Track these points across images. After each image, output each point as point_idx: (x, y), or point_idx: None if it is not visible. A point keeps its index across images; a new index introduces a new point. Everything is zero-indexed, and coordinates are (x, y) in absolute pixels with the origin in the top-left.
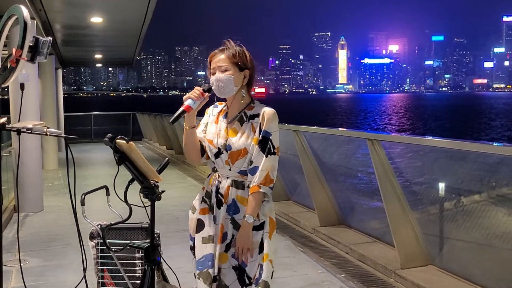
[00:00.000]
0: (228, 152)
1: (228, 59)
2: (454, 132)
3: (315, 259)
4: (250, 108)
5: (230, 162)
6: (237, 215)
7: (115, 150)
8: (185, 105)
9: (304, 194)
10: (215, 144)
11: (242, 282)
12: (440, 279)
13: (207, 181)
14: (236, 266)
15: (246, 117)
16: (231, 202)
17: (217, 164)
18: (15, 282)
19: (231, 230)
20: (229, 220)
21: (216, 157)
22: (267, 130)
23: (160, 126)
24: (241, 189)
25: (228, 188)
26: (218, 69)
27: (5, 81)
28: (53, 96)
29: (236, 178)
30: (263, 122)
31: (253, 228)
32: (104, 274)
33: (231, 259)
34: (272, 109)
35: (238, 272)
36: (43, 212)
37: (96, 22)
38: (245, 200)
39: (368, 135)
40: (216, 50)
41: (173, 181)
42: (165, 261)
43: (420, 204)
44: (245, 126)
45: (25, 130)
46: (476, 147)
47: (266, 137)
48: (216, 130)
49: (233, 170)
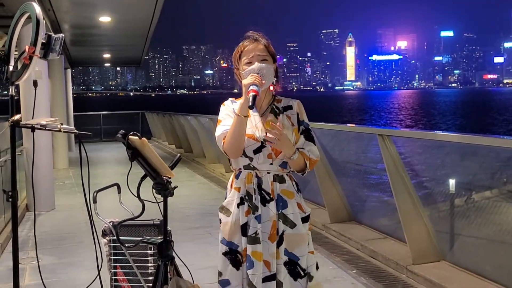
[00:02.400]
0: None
1: (266, 49)
2: (465, 127)
3: (326, 256)
4: (277, 101)
5: (273, 155)
6: (286, 209)
7: (128, 146)
8: (253, 89)
9: (314, 191)
10: (258, 138)
11: (296, 275)
12: (452, 274)
13: (243, 180)
14: (286, 261)
15: (278, 109)
16: (277, 197)
17: (257, 160)
18: (29, 279)
19: (282, 226)
20: (277, 216)
21: (256, 152)
22: (306, 121)
23: (169, 125)
24: (284, 182)
25: (272, 183)
26: (257, 58)
27: (19, 78)
28: (62, 96)
29: (277, 173)
30: (301, 113)
31: (302, 220)
32: (117, 271)
33: (282, 256)
34: (300, 101)
35: (289, 266)
36: (54, 211)
37: (104, 22)
38: (290, 193)
39: (378, 130)
40: (245, 42)
41: (182, 179)
42: (178, 256)
43: (432, 199)
44: (282, 118)
45: (39, 127)
46: (487, 141)
47: (307, 128)
48: (252, 123)
49: (275, 163)
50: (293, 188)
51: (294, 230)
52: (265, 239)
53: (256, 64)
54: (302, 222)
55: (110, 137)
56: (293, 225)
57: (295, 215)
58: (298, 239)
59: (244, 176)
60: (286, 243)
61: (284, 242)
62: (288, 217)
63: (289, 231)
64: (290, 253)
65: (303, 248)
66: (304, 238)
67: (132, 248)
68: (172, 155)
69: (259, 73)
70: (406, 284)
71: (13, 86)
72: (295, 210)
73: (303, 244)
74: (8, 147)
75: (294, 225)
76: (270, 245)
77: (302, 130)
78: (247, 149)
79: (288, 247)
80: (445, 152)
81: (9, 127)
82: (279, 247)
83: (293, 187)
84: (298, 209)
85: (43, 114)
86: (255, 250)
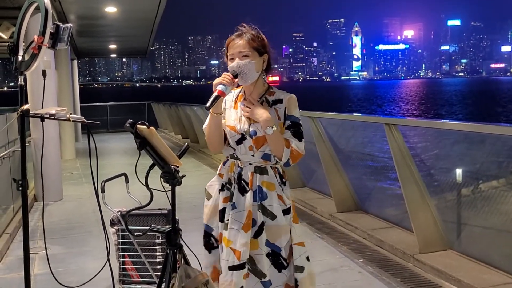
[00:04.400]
0: (252, 138)
1: (248, 44)
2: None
3: (333, 245)
4: (270, 94)
5: (254, 148)
6: (266, 201)
7: (136, 135)
8: (218, 90)
9: (320, 181)
10: (238, 130)
11: (280, 266)
12: (459, 263)
13: (227, 168)
14: (269, 252)
15: (268, 102)
16: (256, 188)
17: (239, 151)
18: (38, 269)
19: (260, 217)
20: (257, 206)
21: (238, 143)
22: (295, 116)
23: (176, 115)
24: (266, 174)
25: (252, 174)
26: (237, 55)
27: (28, 68)
28: (69, 87)
29: (259, 164)
30: (289, 108)
31: (283, 212)
32: (125, 259)
33: (263, 247)
34: (294, 95)
35: (272, 258)
36: (62, 201)
37: (110, 12)
38: (271, 185)
39: (385, 119)
40: (232, 36)
41: (189, 169)
42: (187, 245)
43: (439, 189)
44: (269, 112)
45: (48, 116)
46: (494, 129)
47: (296, 122)
48: (237, 115)
49: (256, 155)
50: (275, 180)
51: (275, 221)
52: (239, 228)
53: (236, 61)
54: (284, 214)
55: (117, 128)
56: (274, 216)
57: (276, 207)
58: (279, 231)
59: (229, 164)
60: (267, 234)
61: (265, 234)
62: (267, 209)
63: (270, 223)
64: (272, 244)
65: (284, 239)
66: (286, 230)
67: (140, 237)
68: (179, 146)
69: (238, 71)
70: (413, 272)
71: (22, 76)
72: (275, 202)
73: (284, 235)
74: (16, 137)
75: (275, 217)
76: (243, 235)
77: (289, 125)
78: (230, 140)
79: (269, 239)
80: (452, 141)
81: (18, 117)
82: (257, 238)
83: (276, 179)
84: (279, 201)
85: (50, 105)
86: (225, 236)
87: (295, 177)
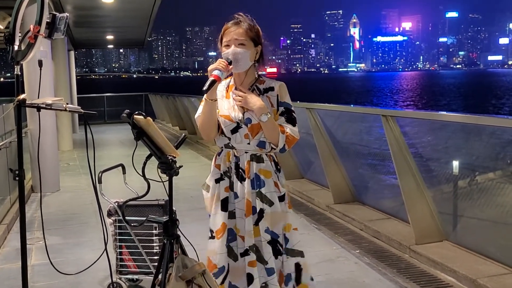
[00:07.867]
0: (248, 126)
1: (245, 33)
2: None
3: (330, 236)
4: (260, 82)
5: (250, 136)
6: (263, 188)
7: (133, 126)
8: (214, 75)
9: (317, 172)
10: (233, 119)
11: (277, 252)
12: (455, 254)
13: (223, 158)
14: (270, 240)
15: (259, 90)
16: (253, 176)
17: (234, 140)
18: (35, 259)
19: (259, 204)
20: (255, 194)
21: (233, 132)
22: (287, 102)
23: (173, 106)
24: (262, 162)
25: (249, 162)
26: (234, 42)
27: (24, 57)
28: (66, 78)
29: (255, 152)
30: (281, 94)
31: (279, 199)
32: (123, 250)
33: (264, 234)
34: (284, 83)
35: (272, 246)
36: (59, 192)
37: (107, 3)
38: (268, 172)
39: (382, 111)
40: (229, 23)
41: (186, 160)
42: (184, 235)
43: (435, 180)
44: (262, 99)
45: (45, 106)
46: (491, 121)
47: (289, 108)
48: (230, 105)
49: (252, 143)
50: (271, 167)
51: (273, 208)
52: (242, 216)
53: (232, 48)
54: (279, 200)
55: (114, 119)
56: (271, 203)
57: (272, 194)
58: (277, 217)
59: (224, 154)
60: (267, 221)
61: (265, 220)
62: (265, 195)
63: (269, 209)
64: (271, 231)
65: (281, 226)
66: (282, 216)
67: (137, 228)
68: (176, 137)
69: (232, 58)
70: (409, 263)
71: (18, 66)
72: (271, 189)
73: (281, 222)
74: (13, 128)
75: (272, 203)
76: (247, 222)
77: (282, 111)
78: (225, 129)
79: (269, 225)
80: (449, 133)
81: (15, 107)
82: (258, 224)
83: (272, 167)
84: (275, 188)
85: (47, 95)
86: (234, 224)
87: (293, 168)
